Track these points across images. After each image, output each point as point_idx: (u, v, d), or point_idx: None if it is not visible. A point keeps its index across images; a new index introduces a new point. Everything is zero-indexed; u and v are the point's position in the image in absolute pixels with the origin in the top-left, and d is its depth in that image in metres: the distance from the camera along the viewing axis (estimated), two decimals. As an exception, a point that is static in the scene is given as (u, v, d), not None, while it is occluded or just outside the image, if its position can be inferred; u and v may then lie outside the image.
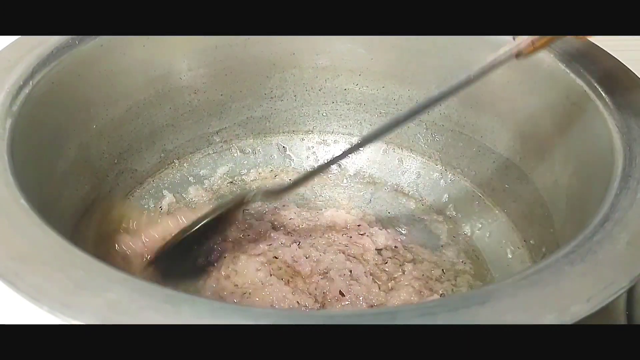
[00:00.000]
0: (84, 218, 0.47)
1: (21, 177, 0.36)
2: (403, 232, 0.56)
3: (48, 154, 0.44)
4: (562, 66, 0.47)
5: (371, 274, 0.50)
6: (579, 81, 0.45)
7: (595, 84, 0.44)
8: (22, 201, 0.33)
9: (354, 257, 0.52)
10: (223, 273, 0.49)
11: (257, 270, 0.48)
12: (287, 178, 0.62)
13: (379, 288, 0.49)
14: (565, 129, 0.47)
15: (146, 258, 0.48)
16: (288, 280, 0.48)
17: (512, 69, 0.52)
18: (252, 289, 0.47)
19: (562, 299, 0.27)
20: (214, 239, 0.51)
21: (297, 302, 0.46)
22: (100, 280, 0.27)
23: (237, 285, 0.48)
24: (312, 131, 0.65)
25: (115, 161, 0.53)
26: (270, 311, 0.26)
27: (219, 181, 0.61)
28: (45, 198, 0.41)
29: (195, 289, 0.49)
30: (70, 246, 0.29)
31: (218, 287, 0.48)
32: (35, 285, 0.27)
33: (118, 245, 0.48)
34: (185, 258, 0.50)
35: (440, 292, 0.49)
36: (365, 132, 0.64)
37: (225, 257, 0.50)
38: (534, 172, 0.52)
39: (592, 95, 0.44)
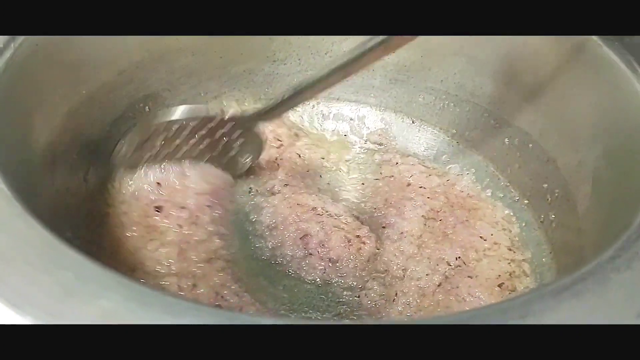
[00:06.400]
0: (73, 196, 0.43)
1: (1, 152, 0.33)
2: (413, 206, 0.53)
3: (32, 123, 0.40)
4: (594, 38, 0.44)
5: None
6: (613, 56, 0.42)
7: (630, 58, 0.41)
8: (2, 185, 0.29)
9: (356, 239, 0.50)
10: None
11: None
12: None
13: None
14: (595, 106, 0.44)
15: None
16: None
17: (542, 39, 0.48)
18: None
19: (608, 313, 0.25)
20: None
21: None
22: (93, 285, 0.24)
23: None
24: (316, 97, 0.60)
25: (108, 129, 0.49)
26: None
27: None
28: (29, 174, 0.37)
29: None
30: (58, 242, 0.26)
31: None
32: (18, 289, 0.24)
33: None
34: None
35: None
36: (372, 101, 0.61)
37: None
38: (555, 150, 0.49)
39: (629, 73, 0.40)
